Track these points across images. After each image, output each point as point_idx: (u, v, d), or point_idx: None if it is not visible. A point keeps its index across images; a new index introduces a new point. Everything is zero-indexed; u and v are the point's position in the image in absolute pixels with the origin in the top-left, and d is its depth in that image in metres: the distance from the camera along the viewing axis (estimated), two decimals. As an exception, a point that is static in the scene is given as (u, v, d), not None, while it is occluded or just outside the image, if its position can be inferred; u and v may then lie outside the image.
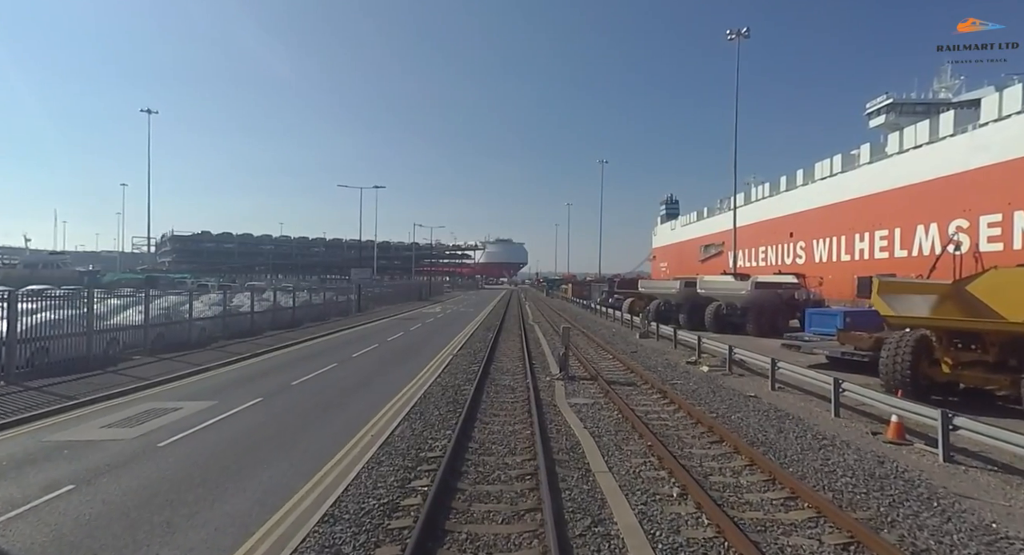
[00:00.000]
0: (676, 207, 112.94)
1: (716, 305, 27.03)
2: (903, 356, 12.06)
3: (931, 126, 51.25)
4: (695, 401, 12.60)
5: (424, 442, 9.24)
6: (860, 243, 58.24)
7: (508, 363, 17.92)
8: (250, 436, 9.52)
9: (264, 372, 15.96)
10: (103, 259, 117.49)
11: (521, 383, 14.55)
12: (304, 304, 31.16)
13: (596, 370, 16.35)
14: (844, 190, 60.07)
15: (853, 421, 10.89)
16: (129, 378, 14.07)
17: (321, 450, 8.74)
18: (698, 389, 13.95)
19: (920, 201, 50.51)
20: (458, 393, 13.16)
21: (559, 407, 11.95)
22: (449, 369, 16.46)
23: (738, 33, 44.40)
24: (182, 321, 19.42)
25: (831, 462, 8.39)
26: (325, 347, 21.72)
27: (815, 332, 21.68)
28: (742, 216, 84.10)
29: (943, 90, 58.89)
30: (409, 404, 11.95)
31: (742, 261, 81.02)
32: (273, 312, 27.21)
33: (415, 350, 20.88)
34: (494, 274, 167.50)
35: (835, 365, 16.31)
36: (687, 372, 16.53)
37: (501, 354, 19.94)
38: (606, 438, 9.60)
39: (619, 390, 13.62)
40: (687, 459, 8.55)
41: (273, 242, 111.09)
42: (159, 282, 51.21)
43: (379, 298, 47.25)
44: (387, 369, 16.66)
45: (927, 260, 49.93)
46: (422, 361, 18.02)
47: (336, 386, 13.95)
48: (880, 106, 60.46)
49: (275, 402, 12.12)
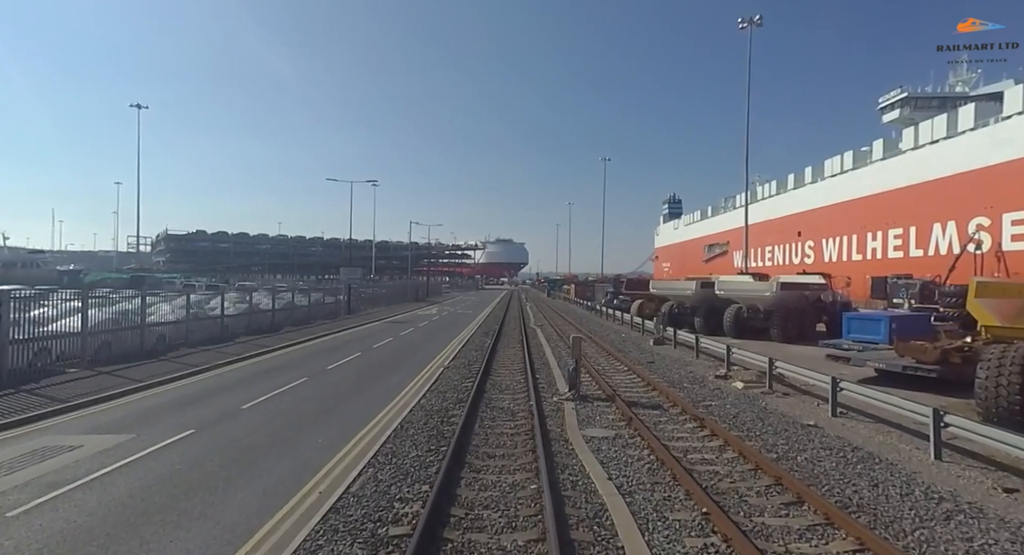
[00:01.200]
0: (679, 206, 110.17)
1: (736, 308, 24.30)
2: (1010, 377, 9.35)
3: (949, 120, 48.51)
4: (742, 432, 9.89)
5: (389, 506, 6.52)
6: (873, 242, 55.51)
7: (507, 377, 15.22)
8: (148, 497, 6.74)
9: (215, 390, 13.21)
10: (100, 259, 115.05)
11: (523, 405, 11.84)
12: (287, 306, 28.38)
13: (612, 387, 13.64)
14: (856, 187, 57.30)
15: (965, 467, 8.12)
16: (43, 400, 11.32)
17: (241, 522, 6.03)
18: (740, 414, 11.24)
19: (937, 198, 47.72)
20: (445, 421, 10.46)
21: (572, 443, 9.23)
22: (438, 386, 13.74)
23: (750, 21, 41.66)
24: (133, 327, 16.68)
25: (978, 545, 5.68)
26: (301, 356, 19.01)
27: (854, 339, 18.95)
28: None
29: (959, 84, 56.14)
30: (380, 438, 9.23)
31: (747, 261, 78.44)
32: (250, 315, 24.48)
33: (402, 360, 18.16)
34: (494, 274, 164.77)
35: (889, 380, 13.59)
36: (719, 390, 13.79)
37: (499, 365, 17.23)
38: (640, 498, 6.87)
39: (644, 416, 10.93)
40: (765, 538, 5.84)
41: (270, 241, 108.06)
42: (145, 282, 48.57)
43: (373, 299, 44.52)
44: (364, 386, 13.93)
45: (944, 260, 47.29)
46: (407, 375, 15.29)
47: (295, 412, 11.21)
48: (894, 100, 57.69)
49: (208, 437, 9.37)
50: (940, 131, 49.00)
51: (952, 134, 47.41)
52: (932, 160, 48.59)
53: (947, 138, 47.96)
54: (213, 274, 76.29)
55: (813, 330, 24.45)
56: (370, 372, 15.95)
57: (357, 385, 13.96)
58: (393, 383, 14.14)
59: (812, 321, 24.52)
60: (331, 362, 17.32)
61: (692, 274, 63.05)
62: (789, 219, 69.05)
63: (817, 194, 63.83)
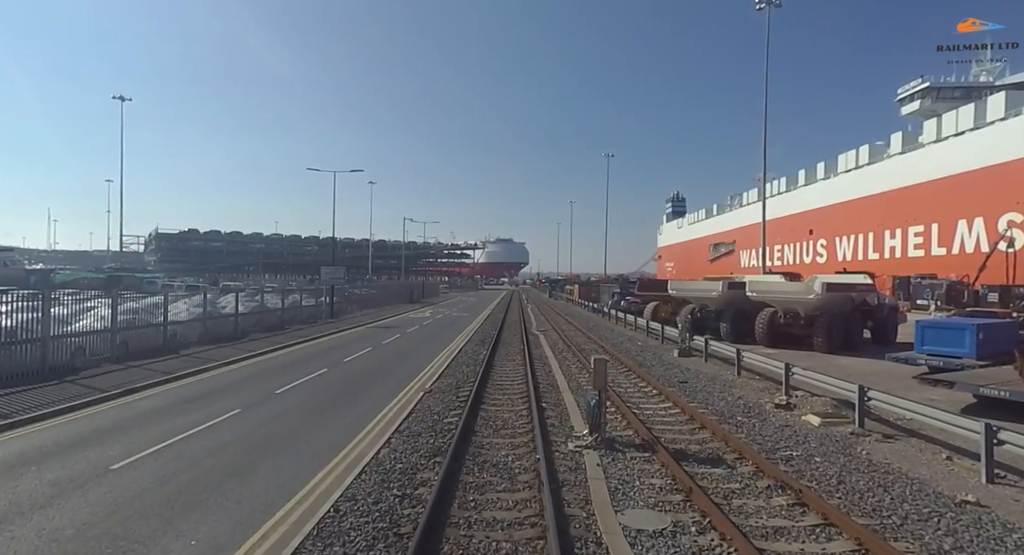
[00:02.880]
0: (683, 205, 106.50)
1: (771, 312, 20.60)
2: None
3: (977, 110, 44.81)
4: (869, 515, 6.21)
5: None
6: (891, 240, 51.77)
7: (505, 407, 11.51)
8: None
9: (90, 438, 9.37)
10: (95, 258, 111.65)
11: (526, 458, 8.13)
12: (256, 310, 24.63)
13: (643, 422, 9.95)
14: (872, 183, 53.56)
15: None
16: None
17: None
18: (844, 477, 7.51)
19: (963, 193, 43.93)
20: (408, 489, 6.80)
21: (609, 546, 5.58)
22: (410, 424, 9.99)
23: (768, 1, 38.07)
24: (31, 340, 12.93)
25: None
26: (251, 374, 15.26)
27: (930, 353, 15.26)
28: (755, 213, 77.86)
29: (983, 73, 52.43)
30: (302, 531, 5.58)
31: (754, 260, 74.72)
32: (206, 321, 20.76)
33: (373, 380, 14.42)
34: (494, 274, 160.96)
35: (994, 409, 9.96)
36: (789, 427, 10.08)
37: (495, 387, 13.53)
38: None
39: (706, 480, 7.25)
40: None
41: (263, 240, 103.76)
42: (123, 282, 44.93)
43: (362, 301, 40.76)
44: (311, 423, 10.19)
45: (970, 258, 43.50)
46: (373, 404, 11.55)
47: (181, 479, 7.45)
48: (914, 91, 53.97)
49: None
50: (967, 122, 45.28)
51: (980, 124, 43.74)
52: (958, 152, 44.84)
53: (974, 129, 44.29)
54: (202, 274, 72.71)
55: (860, 338, 20.81)
56: (330, 397, 12.20)
57: (303, 423, 10.23)
58: (351, 417, 10.42)
59: (859, 328, 20.86)
60: (284, 384, 13.55)
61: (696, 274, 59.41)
62: (800, 217, 65.32)
63: (830, 190, 60.15)
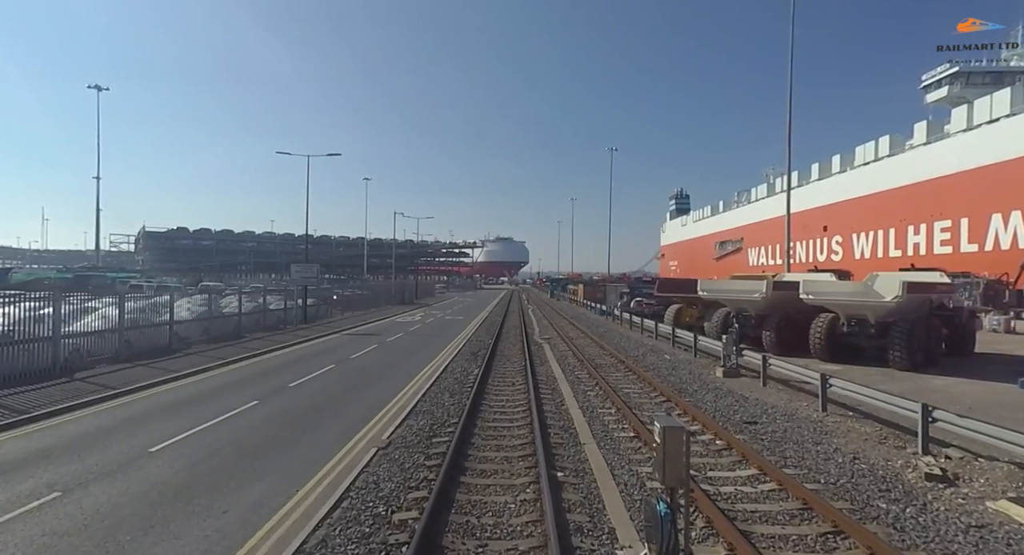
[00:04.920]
0: (687, 202, 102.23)
1: (830, 318, 16.44)
2: None
3: (1012, 95, 40.67)
4: None
5: None
6: (915, 237, 47.46)
7: (500, 479, 7.26)
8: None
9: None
10: (88, 257, 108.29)
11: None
12: (204, 316, 20.31)
13: (735, 520, 5.79)
14: (893, 176, 49.23)
15: None
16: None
17: None
18: None
19: (998, 184, 39.65)
20: None
21: None
22: (328, 535, 5.85)
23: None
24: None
25: None
26: (167, 403, 11.03)
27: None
28: (763, 210, 73.44)
29: (1015, 57, 48.25)
30: None
31: (763, 258, 70.51)
32: (141, 330, 16.54)
33: (317, 422, 10.12)
34: (494, 273, 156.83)
35: None
36: (984, 529, 5.87)
37: (488, 431, 9.30)
38: None
39: None
40: None
41: (255, 239, 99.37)
42: (91, 282, 40.77)
43: (348, 302, 36.56)
44: (214, 489, 6.03)
45: (1005, 256, 39.10)
46: (321, 451, 7.38)
47: None
48: (942, 76, 49.68)
49: None
50: (1001, 108, 41.07)
51: (1018, 110, 39.64)
52: (991, 141, 40.66)
53: (1010, 115, 40.19)
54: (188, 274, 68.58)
55: (940, 351, 16.66)
56: (265, 437, 7.92)
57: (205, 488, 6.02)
58: (275, 481, 6.22)
59: (939, 338, 16.69)
60: (207, 419, 9.33)
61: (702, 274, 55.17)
62: (813, 212, 60.93)
63: (847, 185, 55.91)
